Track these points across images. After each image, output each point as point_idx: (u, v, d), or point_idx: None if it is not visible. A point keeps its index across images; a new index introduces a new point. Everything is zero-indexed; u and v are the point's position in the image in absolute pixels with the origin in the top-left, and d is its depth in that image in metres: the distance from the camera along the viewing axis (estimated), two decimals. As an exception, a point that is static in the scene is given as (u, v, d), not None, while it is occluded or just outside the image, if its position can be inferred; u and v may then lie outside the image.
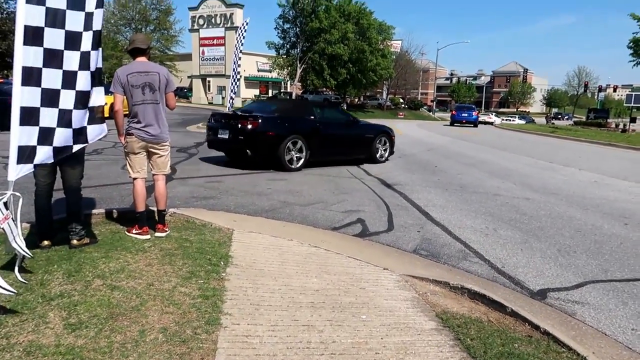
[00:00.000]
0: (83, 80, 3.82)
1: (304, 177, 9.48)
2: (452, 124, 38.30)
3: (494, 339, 3.19)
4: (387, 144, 12.39)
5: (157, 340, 2.88)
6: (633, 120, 40.34)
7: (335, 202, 7.29)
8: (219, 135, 10.02)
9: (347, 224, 6.13)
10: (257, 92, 59.56)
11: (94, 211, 5.43)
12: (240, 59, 20.48)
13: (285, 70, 49.95)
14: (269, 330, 3.15)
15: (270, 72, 55.62)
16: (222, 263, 4.19)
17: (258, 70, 60.14)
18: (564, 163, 13.74)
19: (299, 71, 47.03)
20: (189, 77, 50.82)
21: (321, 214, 6.52)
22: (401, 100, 75.35)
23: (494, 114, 62.43)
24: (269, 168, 9.88)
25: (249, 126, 9.36)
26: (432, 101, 78.12)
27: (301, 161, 10.14)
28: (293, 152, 9.96)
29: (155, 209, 4.93)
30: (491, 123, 49.76)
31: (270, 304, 3.55)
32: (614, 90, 63.08)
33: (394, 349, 3.03)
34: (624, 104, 50.42)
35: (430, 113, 68.25)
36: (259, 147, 9.46)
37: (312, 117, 10.71)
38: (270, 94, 60.45)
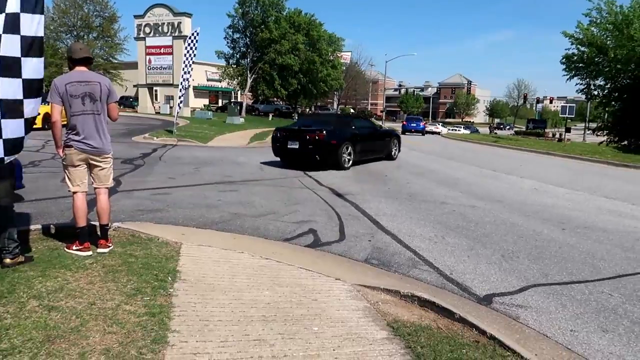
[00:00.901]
0: (11, 89, 3.59)
1: (255, 187, 9.38)
2: (403, 133, 39.90)
3: (443, 346, 3.24)
4: (398, 144, 16.40)
5: (99, 363, 2.73)
6: (568, 130, 42.70)
7: (287, 212, 7.25)
8: (289, 146, 12.72)
9: (299, 235, 6.10)
10: (206, 101, 58.72)
11: (30, 227, 5.13)
12: (192, 69, 20.17)
13: (236, 80, 49.61)
14: (219, 347, 3.06)
15: (220, 81, 55.02)
16: (169, 278, 4.05)
17: (207, 80, 59.34)
18: (507, 171, 14.32)
19: (249, 81, 46.85)
20: (134, 85, 49.38)
21: (273, 225, 6.46)
22: (352, 111, 76.46)
23: (440, 124, 64.51)
24: (327, 168, 12.62)
25: (317, 137, 12.32)
26: (381, 111, 79.71)
27: (350, 162, 13.06)
28: (345, 155, 12.86)
29: (97, 223, 4.72)
30: (438, 133, 51.36)
31: (221, 319, 3.46)
32: (551, 102, 66.54)
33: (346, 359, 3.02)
34: (560, 115, 53.43)
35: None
36: (324, 152, 12.43)
37: (353, 127, 13.88)
38: (220, 104, 59.75)
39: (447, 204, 8.50)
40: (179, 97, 20.27)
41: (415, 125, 44.07)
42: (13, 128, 3.62)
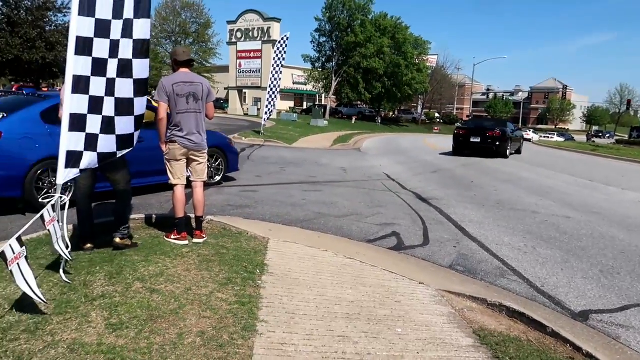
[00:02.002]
0: (125, 88, 3.93)
1: (338, 189, 9.49)
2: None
3: (534, 359, 3.09)
4: (521, 144, 22.91)
5: (195, 344, 2.92)
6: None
7: (370, 214, 7.26)
8: (471, 140, 18.96)
9: (382, 237, 6.09)
10: (291, 104, 60.23)
11: (133, 216, 5.58)
12: (281, 72, 20.80)
13: (321, 83, 50.41)
14: (305, 340, 3.15)
15: (305, 84, 56.20)
16: (257, 271, 4.23)
17: (293, 83, 60.83)
18: (606, 182, 13.28)
19: (334, 84, 47.39)
20: (225, 88, 51.83)
21: (356, 226, 6.51)
22: (436, 115, 74.75)
23: (531, 130, 61.09)
24: (497, 157, 18.48)
25: (494, 135, 18.63)
26: (468, 116, 77.05)
27: (509, 152, 19.50)
28: (508, 148, 19.18)
29: (193, 215, 5.03)
30: (529, 140, 48.67)
31: (306, 313, 3.56)
32: (660, 109, 60.77)
33: (430, 364, 2.98)
34: (671, 123, 48.39)
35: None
36: (498, 145, 18.60)
37: (505, 129, 19.40)
38: (304, 107, 60.97)
39: (538, 213, 8.06)
40: (269, 101, 20.93)
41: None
42: (125, 125, 3.97)
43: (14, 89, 33.12)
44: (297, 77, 60.29)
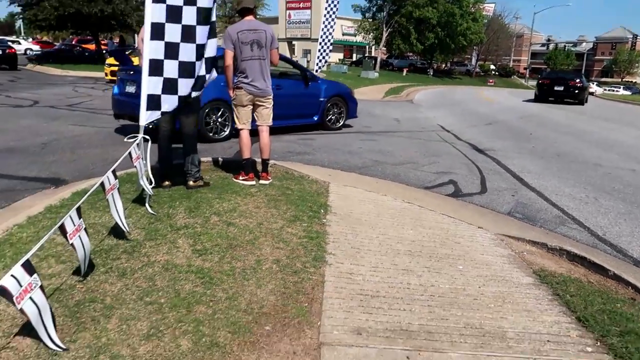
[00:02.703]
0: (201, 34, 4.14)
1: (393, 138, 9.53)
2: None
3: (595, 298, 3.19)
4: (587, 94, 25.31)
5: (272, 269, 3.20)
6: None
7: (426, 163, 7.32)
8: (555, 88, 22.90)
9: (438, 185, 6.18)
10: (341, 56, 59.24)
11: (202, 159, 5.90)
12: (334, 23, 20.46)
13: (371, 34, 49.11)
14: (371, 271, 3.37)
15: (355, 36, 54.95)
16: (322, 210, 4.46)
17: (343, 34, 59.61)
18: (676, 137, 12.59)
19: (384, 35, 46.04)
20: (277, 39, 51.67)
21: (412, 174, 6.61)
22: (491, 67, 71.63)
23: (595, 83, 57.65)
24: (577, 104, 22.13)
25: (576, 84, 22.59)
26: (525, 68, 73.51)
27: (586, 101, 23.47)
28: (587, 95, 22.88)
29: (259, 159, 5.29)
30: (592, 93, 46.06)
31: (370, 249, 3.77)
32: None
33: (491, 297, 3.15)
34: None
35: (523, 81, 64.44)
36: (579, 94, 22.69)
37: (583, 79, 23.70)
38: (354, 58, 59.87)
39: (601, 165, 7.85)
40: (321, 52, 20.74)
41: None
42: (198, 68, 4.20)
43: (74, 42, 34.31)
44: (346, 28, 58.94)
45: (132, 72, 7.69)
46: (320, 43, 20.74)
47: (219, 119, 7.81)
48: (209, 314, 2.61)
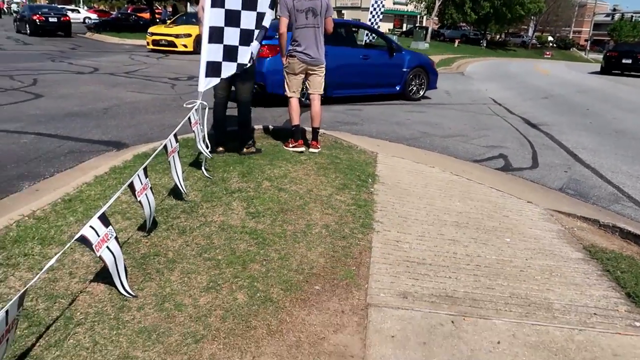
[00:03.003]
0: (262, 1, 4.23)
1: (442, 110, 9.39)
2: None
3: (647, 275, 3.14)
4: None
5: (322, 234, 3.33)
6: None
7: (476, 137, 7.21)
8: (622, 61, 23.15)
9: (488, 158, 6.10)
10: (390, 25, 57.86)
11: (254, 127, 6.07)
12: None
13: (423, 3, 47.56)
14: (417, 240, 3.45)
15: (406, 5, 53.38)
16: (370, 180, 4.54)
17: (394, 3, 58.05)
18: None
19: (437, 4, 44.48)
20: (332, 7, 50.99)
21: (461, 147, 6.54)
22: (549, 39, 68.06)
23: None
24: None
25: None
26: (586, 40, 69.46)
27: None
28: None
29: (309, 128, 5.38)
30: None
31: (417, 218, 3.83)
32: None
33: (538, 269, 3.16)
34: None
35: (583, 54, 61.04)
36: None
37: None
38: (404, 28, 58.38)
39: (663, 144, 7.48)
40: (373, 23, 20.41)
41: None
42: (258, 36, 4.30)
43: (129, 11, 35.17)
44: (398, -4, 57.36)
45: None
46: (372, 12, 20.38)
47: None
48: (262, 272, 2.77)
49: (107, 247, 2.21)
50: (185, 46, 17.42)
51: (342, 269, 2.92)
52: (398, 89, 9.88)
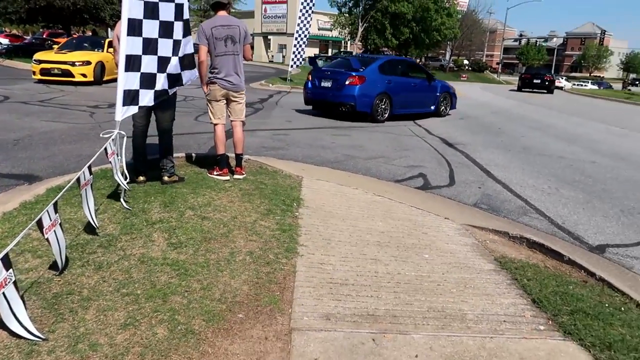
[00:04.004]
0: (178, 30, 4.22)
1: (366, 133, 9.71)
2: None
3: (550, 281, 3.41)
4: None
5: (246, 261, 3.33)
6: None
7: (397, 157, 7.52)
8: (534, 81, 31.65)
9: (409, 178, 6.38)
10: (316, 50, 59.21)
11: (176, 155, 5.95)
12: (310, 19, 20.60)
13: (347, 29, 49.22)
14: (341, 261, 3.53)
15: (331, 30, 54.98)
16: (294, 204, 4.59)
17: (319, 29, 59.54)
18: (638, 129, 13.13)
19: (360, 30, 46.25)
20: (250, 34, 51.31)
21: (384, 168, 6.79)
22: (465, 62, 72.56)
23: (564, 78, 59.08)
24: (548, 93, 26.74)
25: (549, 78, 31.00)
26: (497, 63, 74.74)
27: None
28: (554, 88, 29.05)
29: (232, 154, 5.38)
30: (560, 87, 47.27)
31: (340, 240, 3.92)
32: None
33: (454, 282, 3.34)
34: None
35: (495, 76, 65.54)
36: (549, 85, 31.22)
37: (553, 74, 33.48)
38: (329, 53, 59.92)
39: (564, 158, 8.19)
40: (297, 48, 20.83)
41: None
42: (175, 64, 4.27)
43: (45, 36, 33.50)
44: (322, 22, 58.86)
45: (328, 73, 11.69)
46: (296, 38, 20.86)
47: (383, 106, 11.32)
48: (184, 304, 2.72)
49: (3, 293, 2.09)
50: (84, 76, 14.68)
51: (266, 295, 2.93)
52: (433, 108, 12.94)
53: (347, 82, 11.02)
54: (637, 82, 59.28)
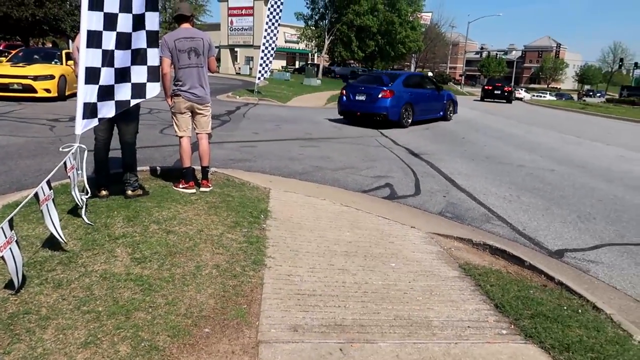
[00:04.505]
0: (139, 40, 4.16)
1: (333, 144, 9.79)
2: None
3: (512, 286, 3.50)
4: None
5: (212, 274, 3.29)
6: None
7: (365, 168, 7.60)
8: (495, 92, 33.53)
9: (376, 188, 6.45)
10: (284, 63, 59.48)
11: (141, 168, 5.85)
12: (277, 32, 20.69)
13: (313, 41, 49.67)
14: (308, 272, 3.53)
15: (298, 43, 55.38)
16: (262, 216, 4.58)
17: (285, 42, 59.88)
18: (592, 138, 13.68)
19: (326, 43, 46.71)
20: (217, 47, 50.93)
21: (351, 178, 6.85)
22: (430, 74, 74.18)
23: (523, 89, 61.12)
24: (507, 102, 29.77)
25: (509, 89, 33.89)
26: (460, 75, 76.70)
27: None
28: (513, 98, 32.04)
29: (199, 167, 5.32)
30: (520, 99, 48.89)
31: (308, 251, 3.93)
32: (652, 67, 60.78)
33: (420, 290, 3.39)
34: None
35: (459, 87, 67.18)
36: (508, 95, 34.04)
37: (512, 84, 35.86)
38: (297, 66, 60.29)
39: (524, 166, 8.45)
40: (264, 60, 20.86)
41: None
42: (138, 74, 4.21)
43: (1, 47, 32.46)
44: (289, 35, 59.26)
45: (362, 88, 13.73)
46: (263, 50, 20.89)
47: (407, 114, 13.57)
48: (148, 320, 2.66)
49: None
50: (47, 91, 13.29)
51: (233, 308, 2.90)
52: (442, 114, 15.63)
53: (379, 96, 13.18)
54: (591, 93, 61.55)
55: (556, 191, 6.76)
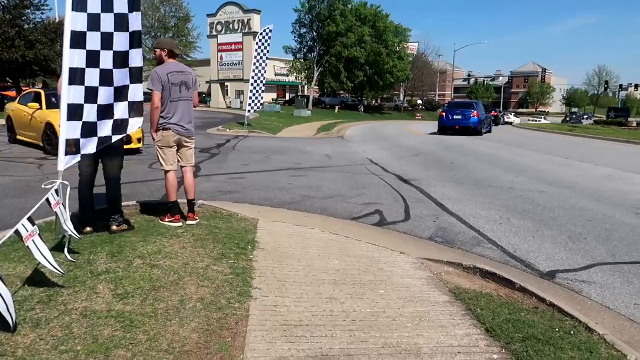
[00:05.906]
0: (121, 77, 4.19)
1: (322, 174, 9.80)
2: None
3: (502, 309, 3.44)
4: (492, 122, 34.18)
5: (196, 308, 3.21)
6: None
7: (354, 195, 7.59)
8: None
9: (365, 215, 6.42)
10: (274, 95, 60.19)
11: (127, 203, 5.80)
12: (266, 65, 21.00)
13: (303, 74, 50.49)
14: (295, 302, 3.46)
15: (288, 76, 56.23)
16: (249, 247, 4.52)
17: (275, 75, 60.75)
18: (581, 159, 13.80)
19: (316, 74, 47.52)
20: (207, 82, 51.52)
21: (341, 206, 6.82)
22: (419, 102, 75.28)
23: (512, 114, 62.08)
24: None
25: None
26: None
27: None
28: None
29: (185, 201, 5.28)
30: (510, 123, 49.69)
31: (296, 280, 3.86)
32: (636, 89, 62.07)
33: (410, 317, 3.32)
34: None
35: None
36: (494, 120, 36.15)
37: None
38: (287, 98, 61.01)
39: (514, 189, 8.47)
40: (254, 93, 21.09)
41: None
42: (121, 111, 4.22)
43: (-8, 89, 32.59)
44: (279, 68, 60.18)
45: (459, 110, 23.61)
46: (253, 84, 21.15)
47: (483, 127, 23.88)
48: (127, 357, 2.58)
49: None
50: None
51: (217, 342, 2.82)
52: (488, 128, 23.95)
53: (472, 115, 22.86)
54: (575, 116, 60.71)
55: (546, 212, 6.75)
